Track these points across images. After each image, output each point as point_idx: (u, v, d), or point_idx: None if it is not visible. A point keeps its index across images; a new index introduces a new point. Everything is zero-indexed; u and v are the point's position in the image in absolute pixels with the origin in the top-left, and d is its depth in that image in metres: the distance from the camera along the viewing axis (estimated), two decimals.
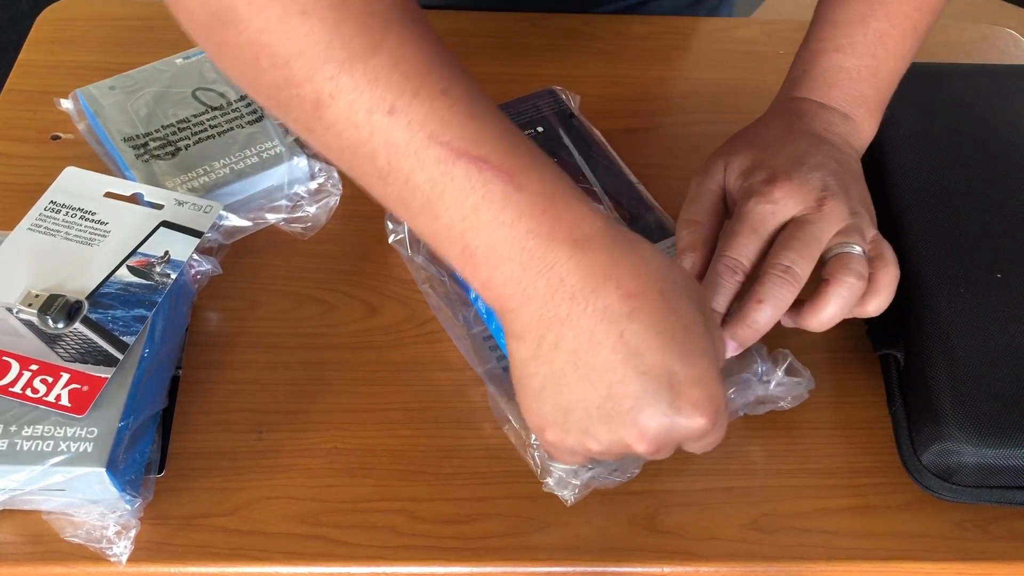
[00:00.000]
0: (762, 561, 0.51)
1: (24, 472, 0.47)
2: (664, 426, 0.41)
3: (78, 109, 0.67)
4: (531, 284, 0.40)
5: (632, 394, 0.41)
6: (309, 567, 0.50)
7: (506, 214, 0.39)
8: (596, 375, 0.41)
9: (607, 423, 0.42)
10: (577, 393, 0.42)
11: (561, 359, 0.41)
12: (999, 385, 0.52)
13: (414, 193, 0.40)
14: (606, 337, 0.40)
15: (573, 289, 0.40)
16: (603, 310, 0.40)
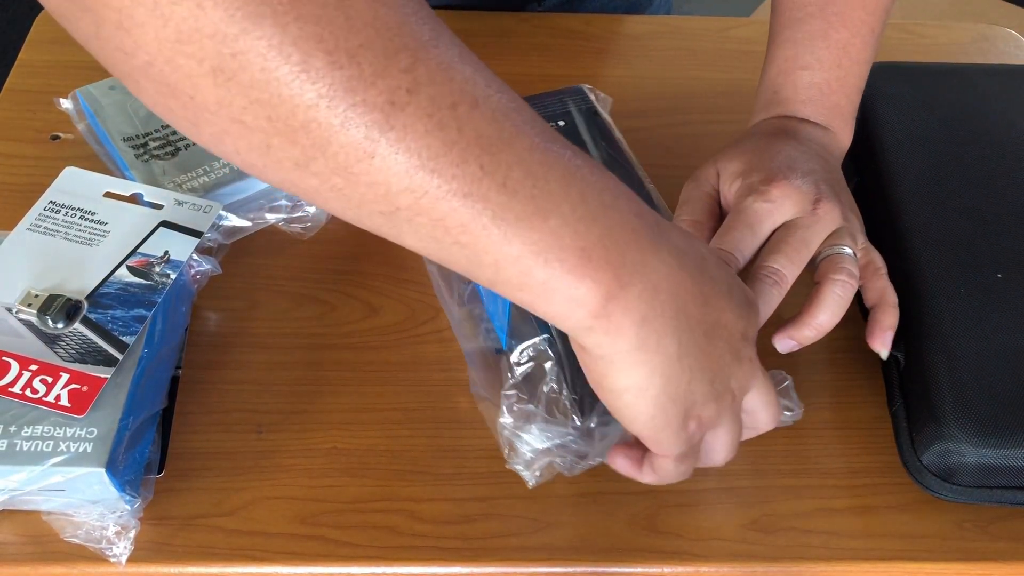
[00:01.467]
0: (762, 561, 0.51)
1: (24, 472, 0.46)
2: (748, 366, 0.44)
3: (78, 109, 0.67)
4: (626, 276, 0.38)
5: (728, 330, 0.42)
6: (309, 567, 0.50)
7: (610, 196, 0.38)
8: (700, 332, 0.41)
9: (724, 380, 0.43)
10: (689, 359, 0.41)
11: (668, 343, 0.40)
12: (999, 385, 0.52)
13: (514, 196, 0.35)
14: (694, 305, 0.41)
15: (660, 276, 0.39)
16: (686, 287, 0.40)
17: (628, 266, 0.38)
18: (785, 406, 0.53)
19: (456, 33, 0.35)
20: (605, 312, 0.38)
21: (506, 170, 0.34)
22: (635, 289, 0.38)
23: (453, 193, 0.33)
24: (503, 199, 0.34)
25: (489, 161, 0.34)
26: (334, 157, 0.32)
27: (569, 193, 0.36)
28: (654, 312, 0.39)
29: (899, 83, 0.66)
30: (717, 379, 0.42)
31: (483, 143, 0.33)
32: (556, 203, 0.36)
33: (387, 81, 0.31)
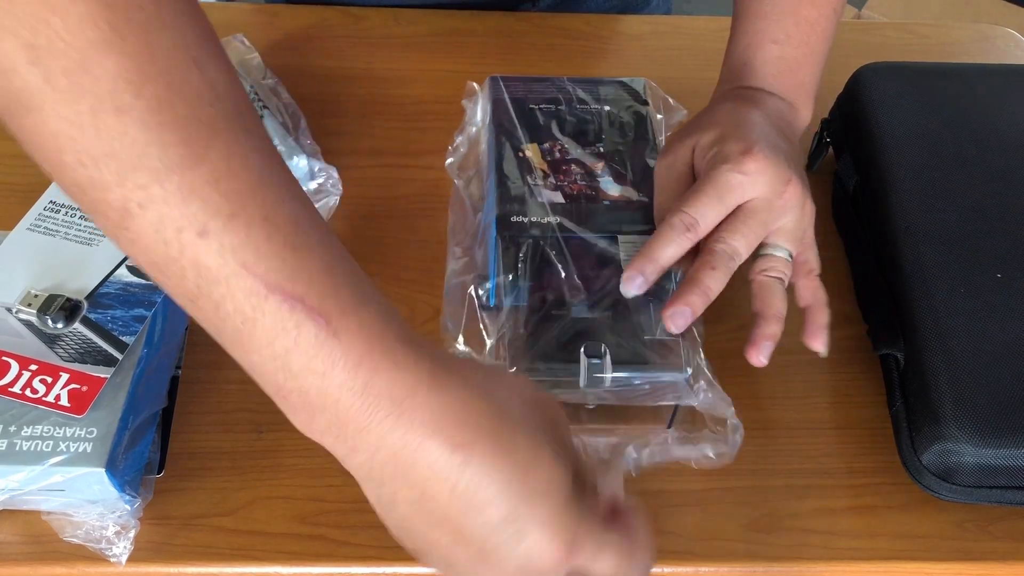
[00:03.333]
0: (762, 561, 0.51)
1: (23, 472, 0.46)
2: (516, 566, 0.38)
3: None
4: (351, 439, 0.37)
5: (476, 540, 0.38)
6: (309, 567, 0.50)
7: (318, 363, 0.36)
8: (440, 523, 0.38)
9: (469, 567, 0.39)
10: (431, 538, 0.39)
11: (403, 510, 0.39)
12: (999, 385, 0.52)
13: (224, 322, 0.36)
14: (440, 492, 0.37)
15: (395, 448, 0.37)
16: (430, 466, 0.37)
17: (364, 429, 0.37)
18: (716, 452, 0.52)
19: (456, 33, 0.36)
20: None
21: (217, 300, 0.35)
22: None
23: (178, 295, 0.36)
24: (217, 323, 0.36)
25: (202, 287, 0.35)
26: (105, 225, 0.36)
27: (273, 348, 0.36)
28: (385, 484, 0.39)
29: (899, 83, 0.66)
30: (454, 566, 0.39)
31: (200, 271, 0.35)
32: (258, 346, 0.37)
33: (122, 192, 0.33)
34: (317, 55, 0.76)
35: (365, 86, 0.73)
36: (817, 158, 0.69)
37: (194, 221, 0.34)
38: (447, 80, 0.74)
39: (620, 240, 0.54)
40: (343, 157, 0.67)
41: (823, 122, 0.69)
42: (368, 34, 0.78)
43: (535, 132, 0.60)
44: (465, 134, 0.64)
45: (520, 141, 0.59)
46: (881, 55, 0.72)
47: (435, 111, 0.72)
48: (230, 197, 0.34)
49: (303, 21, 0.79)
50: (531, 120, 0.61)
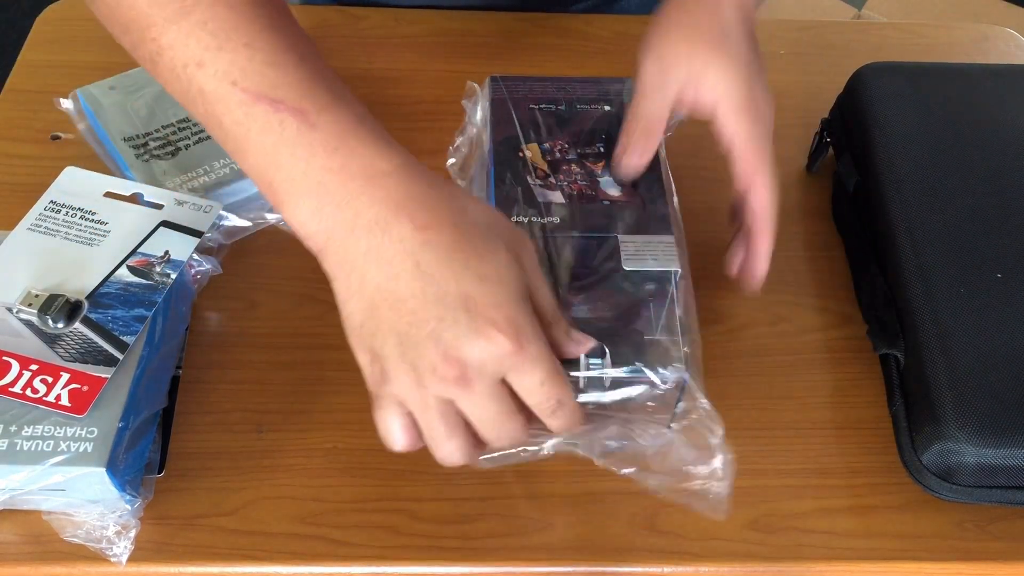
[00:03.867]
0: (762, 561, 0.51)
1: (24, 472, 0.47)
2: (464, 346, 0.41)
3: (78, 109, 0.67)
4: (330, 219, 0.43)
5: (433, 317, 0.41)
6: (309, 567, 0.50)
7: (301, 150, 0.43)
8: (400, 303, 0.42)
9: (415, 348, 0.42)
10: (388, 323, 0.42)
11: (370, 292, 0.42)
12: (999, 385, 0.52)
13: (227, 136, 0.44)
14: (403, 267, 0.41)
15: (369, 222, 0.42)
16: (399, 241, 0.42)
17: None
18: (711, 473, 0.51)
19: (456, 33, 0.36)
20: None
21: (220, 117, 0.44)
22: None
23: (200, 121, 0.46)
24: (224, 138, 0.45)
25: (209, 109, 0.45)
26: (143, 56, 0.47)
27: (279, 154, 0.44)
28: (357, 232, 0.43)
29: (899, 83, 0.66)
30: (410, 347, 0.42)
31: (205, 96, 0.44)
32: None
33: (146, 45, 0.45)
34: None
35: (365, 86, 0.73)
36: (817, 158, 0.69)
37: (193, 56, 0.44)
38: (447, 80, 0.74)
39: (620, 240, 0.54)
40: None
41: (823, 122, 0.69)
42: (368, 34, 0.78)
43: (535, 132, 0.60)
44: (466, 134, 0.64)
45: (520, 141, 0.59)
46: (881, 55, 0.72)
47: (435, 111, 0.72)
48: (217, 34, 0.44)
49: (303, 21, 0.79)
50: (531, 120, 0.60)
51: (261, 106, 0.43)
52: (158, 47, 0.45)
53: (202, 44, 0.44)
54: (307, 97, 0.43)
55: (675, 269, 0.52)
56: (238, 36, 0.44)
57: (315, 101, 0.43)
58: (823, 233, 0.66)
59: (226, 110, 0.44)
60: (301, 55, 0.45)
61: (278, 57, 0.44)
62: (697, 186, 0.66)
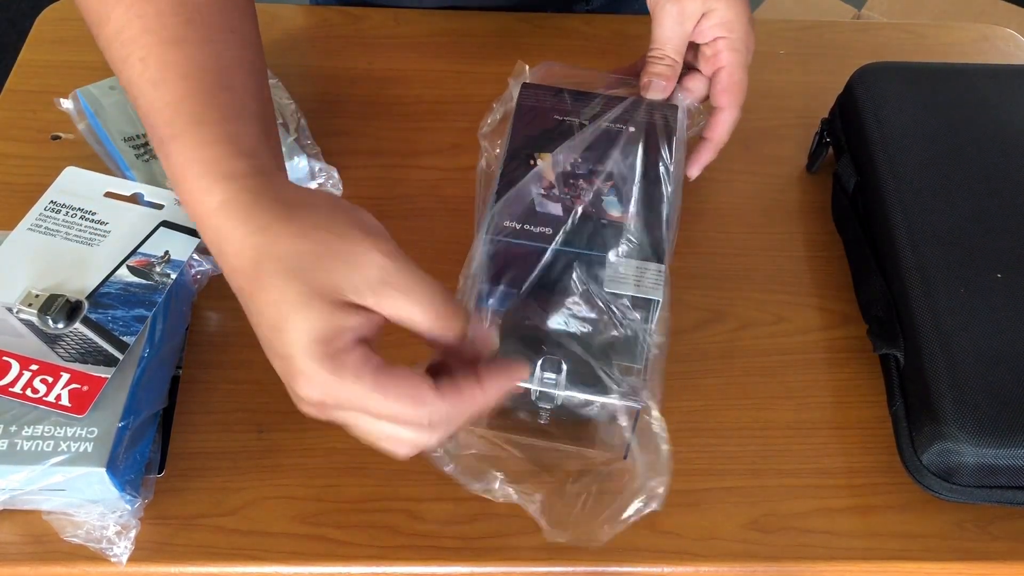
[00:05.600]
0: (762, 561, 0.51)
1: (24, 472, 0.47)
2: (296, 391, 0.42)
3: (78, 109, 0.67)
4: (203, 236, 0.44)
5: (272, 356, 0.42)
6: (309, 567, 0.50)
7: (169, 174, 0.45)
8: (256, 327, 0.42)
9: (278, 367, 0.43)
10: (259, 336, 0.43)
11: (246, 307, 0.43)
12: (999, 385, 0.52)
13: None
14: (240, 297, 0.42)
15: (213, 249, 0.43)
16: (230, 277, 0.43)
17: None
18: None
19: (456, 33, 0.36)
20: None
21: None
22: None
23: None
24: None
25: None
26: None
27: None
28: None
29: (899, 83, 0.66)
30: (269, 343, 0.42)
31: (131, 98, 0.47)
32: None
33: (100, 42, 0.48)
34: (317, 55, 0.76)
35: (365, 86, 0.73)
36: (817, 158, 0.69)
37: (115, 66, 0.47)
38: (447, 80, 0.74)
39: (608, 259, 0.53)
40: (343, 157, 0.67)
41: (823, 122, 0.69)
42: (368, 34, 0.78)
43: (552, 143, 0.59)
44: (504, 108, 0.64)
45: (535, 149, 0.59)
46: (881, 55, 0.72)
47: (435, 111, 0.72)
48: (124, 44, 0.46)
49: (303, 21, 0.79)
50: (552, 131, 0.60)
51: (147, 125, 0.45)
52: (101, 46, 0.48)
53: (116, 55, 0.46)
54: (169, 123, 0.44)
55: (656, 299, 0.52)
56: (137, 49, 0.45)
57: (172, 127, 0.44)
58: (823, 233, 0.66)
59: (139, 113, 0.46)
60: (185, 72, 0.45)
61: (161, 75, 0.45)
62: (698, 187, 0.66)
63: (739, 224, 0.66)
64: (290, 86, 0.70)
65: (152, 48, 0.45)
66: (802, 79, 0.76)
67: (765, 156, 0.70)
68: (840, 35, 0.81)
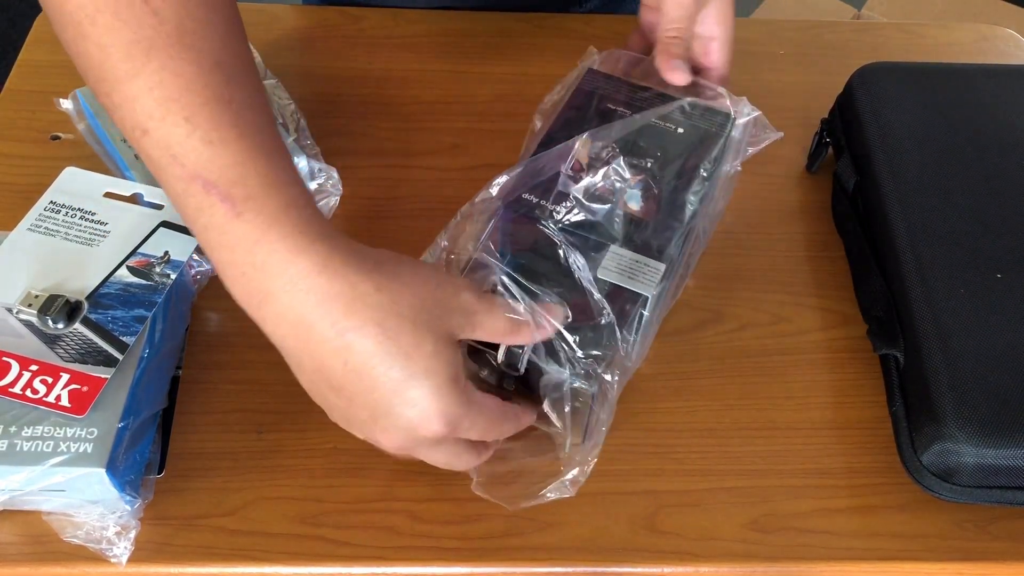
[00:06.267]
0: (762, 561, 0.51)
1: (24, 472, 0.47)
2: (397, 436, 0.44)
3: (78, 109, 0.67)
4: (259, 309, 0.43)
5: (365, 408, 0.43)
6: (309, 567, 0.50)
7: (227, 239, 0.42)
8: (339, 391, 0.43)
9: (358, 426, 0.45)
10: (331, 402, 0.45)
11: (308, 376, 0.44)
12: (999, 385, 0.52)
13: (175, 203, 0.44)
14: (334, 367, 0.42)
15: (293, 322, 0.42)
16: (323, 342, 0.42)
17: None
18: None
19: (456, 34, 0.36)
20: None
21: (165, 184, 0.44)
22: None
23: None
24: (174, 204, 0.44)
25: (158, 174, 0.44)
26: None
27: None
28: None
29: (899, 83, 0.66)
30: (354, 424, 0.45)
31: (152, 161, 0.44)
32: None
33: (103, 97, 0.44)
34: (317, 55, 0.76)
35: (365, 86, 0.73)
36: (817, 158, 0.69)
37: (139, 122, 0.43)
38: (447, 80, 0.74)
39: (611, 250, 0.53)
40: (343, 157, 0.67)
41: (823, 122, 0.69)
42: (368, 34, 0.78)
43: (597, 130, 0.59)
44: (566, 89, 0.63)
45: (578, 132, 0.58)
46: (881, 55, 0.72)
47: (435, 111, 0.72)
48: (161, 103, 0.42)
49: (303, 21, 0.79)
50: (601, 117, 0.60)
51: (196, 185, 0.42)
52: (111, 103, 0.44)
53: (146, 111, 0.42)
54: (237, 183, 0.42)
55: (647, 295, 0.52)
56: (179, 108, 0.42)
57: (244, 186, 0.42)
58: (823, 233, 0.66)
59: (167, 181, 0.43)
60: (241, 132, 0.43)
61: (217, 134, 0.42)
62: None
63: (739, 224, 0.66)
64: (290, 86, 0.70)
65: (200, 108, 0.42)
66: (802, 79, 0.76)
67: (765, 156, 0.70)
68: (840, 35, 0.81)
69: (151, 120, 0.42)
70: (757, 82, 0.65)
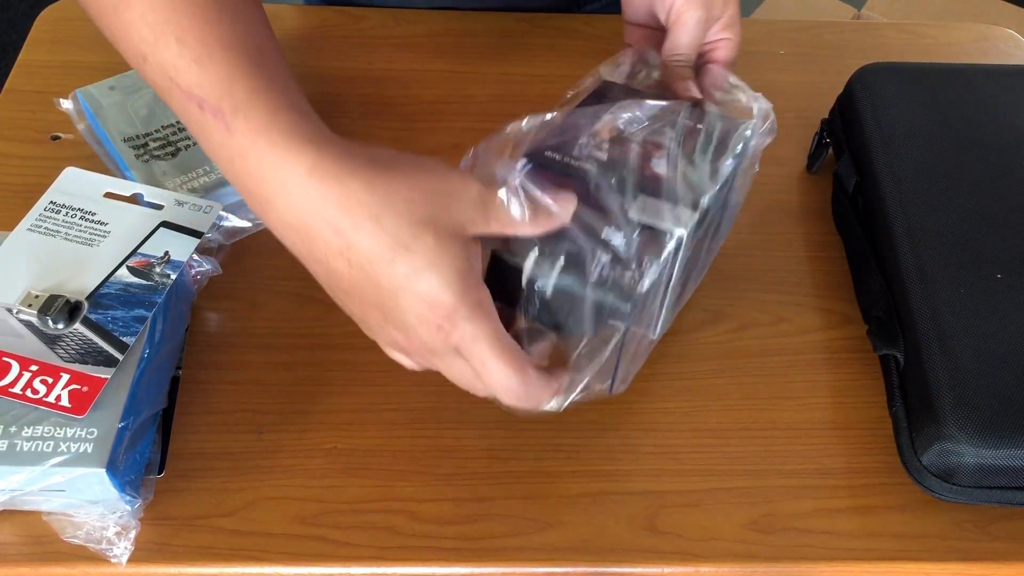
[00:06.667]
0: (762, 562, 0.51)
1: (24, 473, 0.47)
2: (408, 334, 0.44)
3: (78, 109, 0.67)
4: (266, 219, 0.44)
5: (375, 308, 0.44)
6: (309, 567, 0.50)
7: (224, 152, 0.44)
8: (349, 294, 0.44)
9: (375, 329, 0.45)
10: (349, 307, 0.45)
11: (324, 284, 0.45)
12: (999, 385, 0.52)
13: (185, 125, 0.46)
14: (337, 264, 0.43)
15: (293, 226, 0.43)
16: (325, 243, 0.42)
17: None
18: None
19: (456, 33, 0.36)
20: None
21: (170, 104, 0.46)
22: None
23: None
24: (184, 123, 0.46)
25: (165, 97, 0.46)
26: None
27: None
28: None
29: (899, 83, 0.66)
30: (373, 327, 0.45)
31: (158, 86, 0.45)
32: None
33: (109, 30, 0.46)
34: (317, 55, 0.76)
35: (365, 86, 0.73)
36: (817, 158, 0.69)
37: (139, 50, 0.45)
38: (447, 80, 0.74)
39: (640, 196, 0.50)
40: None
41: (823, 122, 0.69)
42: (368, 34, 0.78)
43: (626, 103, 0.56)
44: (591, 78, 0.61)
45: (603, 113, 0.55)
46: (881, 55, 0.72)
47: (435, 111, 0.72)
48: (153, 27, 0.44)
49: (303, 21, 0.79)
50: (630, 102, 0.57)
51: (192, 105, 0.44)
52: (112, 37, 0.46)
53: (142, 36, 0.44)
54: (225, 96, 0.43)
55: (679, 230, 0.49)
56: (171, 30, 0.44)
57: (232, 99, 0.43)
58: (823, 233, 0.66)
59: (173, 106, 0.45)
60: (228, 45, 0.44)
61: (206, 51, 0.44)
62: None
63: (739, 224, 0.66)
64: None
65: (188, 28, 0.44)
66: (802, 79, 0.76)
67: (765, 156, 0.70)
68: (840, 35, 0.81)
69: (146, 44, 0.44)
70: (757, 82, 0.65)
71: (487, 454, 0.54)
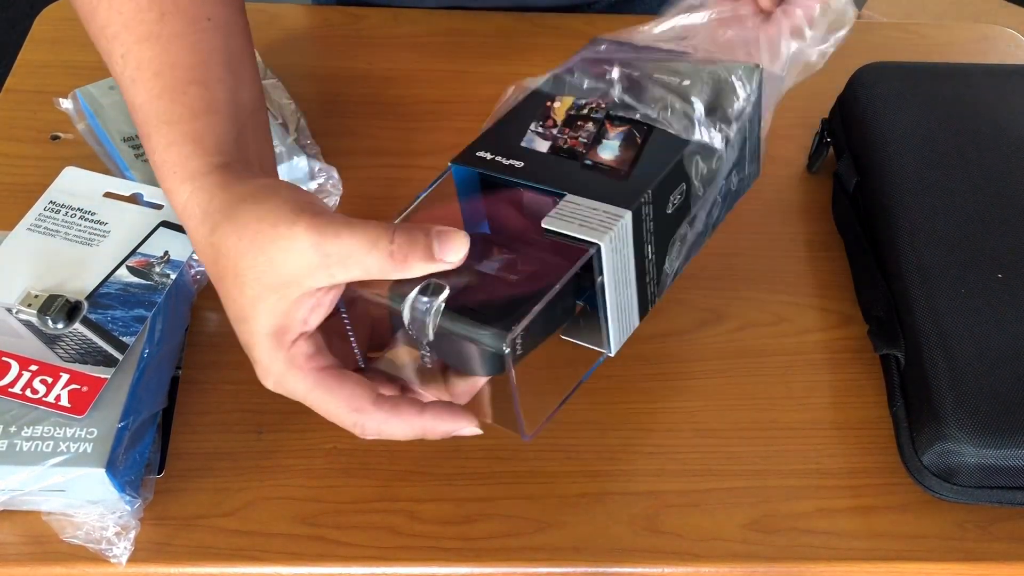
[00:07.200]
0: (762, 562, 0.51)
1: (24, 473, 0.46)
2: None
3: (78, 109, 0.67)
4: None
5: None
6: (309, 567, 0.50)
7: (151, 165, 0.47)
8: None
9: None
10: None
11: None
12: (1000, 385, 0.52)
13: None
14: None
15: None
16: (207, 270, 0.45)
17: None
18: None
19: (456, 33, 0.36)
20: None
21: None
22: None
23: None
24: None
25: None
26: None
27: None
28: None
29: (899, 83, 0.66)
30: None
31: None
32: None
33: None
34: (317, 55, 0.76)
35: (365, 86, 0.73)
36: (817, 158, 0.69)
37: (104, 57, 0.49)
38: (447, 80, 0.74)
39: (565, 199, 0.46)
40: (343, 157, 0.67)
41: (823, 122, 0.69)
42: (368, 34, 0.78)
43: (586, 90, 0.53)
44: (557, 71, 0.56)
45: (559, 93, 0.53)
46: (881, 55, 0.72)
47: (435, 111, 0.72)
48: (109, 40, 0.48)
49: (303, 21, 0.79)
50: (596, 78, 0.53)
51: (132, 118, 0.49)
52: (95, 43, 0.49)
53: (102, 49, 0.49)
54: (143, 122, 0.47)
55: (594, 241, 0.44)
56: (118, 46, 0.47)
57: (146, 126, 0.47)
58: (823, 233, 0.66)
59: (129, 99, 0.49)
60: (156, 70, 0.47)
61: (138, 73, 0.47)
62: None
63: (739, 224, 0.66)
64: (290, 86, 0.70)
65: (130, 45, 0.47)
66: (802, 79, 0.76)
67: (765, 156, 0.70)
68: None
69: (107, 57, 0.48)
70: None
71: (487, 454, 0.54)
